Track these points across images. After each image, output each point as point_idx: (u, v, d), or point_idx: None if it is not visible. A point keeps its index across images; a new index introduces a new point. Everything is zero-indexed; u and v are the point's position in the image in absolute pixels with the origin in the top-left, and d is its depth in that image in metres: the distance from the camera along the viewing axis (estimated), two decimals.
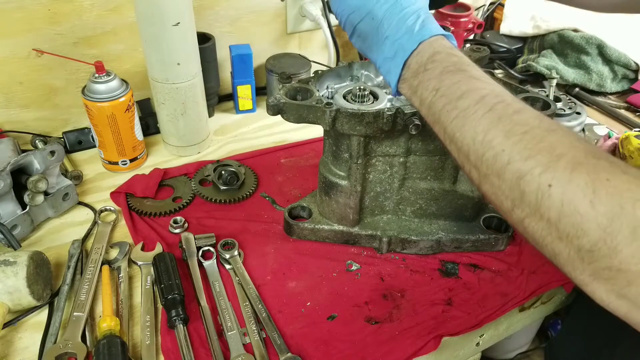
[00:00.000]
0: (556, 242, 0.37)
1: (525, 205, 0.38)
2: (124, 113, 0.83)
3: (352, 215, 0.74)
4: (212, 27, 1.02)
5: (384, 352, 0.61)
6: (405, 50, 0.47)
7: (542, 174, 0.37)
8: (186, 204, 0.82)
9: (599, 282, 0.36)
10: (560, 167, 0.36)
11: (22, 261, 0.62)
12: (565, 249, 0.37)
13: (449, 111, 0.44)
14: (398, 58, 0.48)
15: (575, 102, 1.04)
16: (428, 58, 0.46)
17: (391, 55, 0.48)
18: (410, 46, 0.47)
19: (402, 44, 0.47)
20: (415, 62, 0.47)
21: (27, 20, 0.84)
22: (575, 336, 0.83)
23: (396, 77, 0.48)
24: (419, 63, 0.47)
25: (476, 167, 0.42)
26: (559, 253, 0.37)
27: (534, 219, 0.38)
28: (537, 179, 0.37)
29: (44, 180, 0.73)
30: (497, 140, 0.40)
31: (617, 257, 0.34)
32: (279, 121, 0.78)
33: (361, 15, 0.51)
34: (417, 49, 0.47)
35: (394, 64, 0.48)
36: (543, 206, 0.37)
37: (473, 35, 1.25)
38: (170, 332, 0.62)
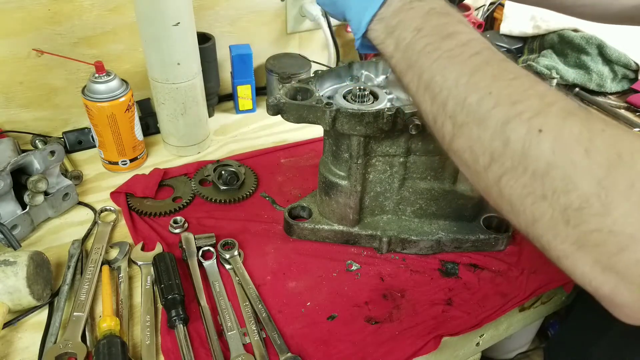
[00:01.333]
0: (538, 202, 0.33)
1: (507, 157, 0.34)
2: (124, 113, 0.83)
3: (352, 215, 0.74)
4: (212, 27, 1.02)
5: (384, 352, 0.61)
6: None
7: (532, 119, 0.33)
8: (186, 204, 0.82)
9: (583, 251, 0.31)
10: (552, 113, 0.33)
11: (22, 261, 0.62)
12: (548, 210, 0.32)
13: (431, 52, 0.39)
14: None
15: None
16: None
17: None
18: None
19: None
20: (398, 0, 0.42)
21: (27, 20, 0.84)
22: (574, 336, 0.83)
23: (372, 13, 0.43)
24: (403, 1, 0.42)
25: (453, 116, 0.37)
26: (540, 217, 0.33)
27: (515, 175, 0.34)
28: (526, 123, 0.33)
29: (44, 180, 0.74)
30: (484, 83, 0.36)
31: (611, 215, 0.30)
32: (279, 121, 0.78)
33: None
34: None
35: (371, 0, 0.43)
36: (530, 156, 0.33)
37: None
38: (170, 332, 0.62)
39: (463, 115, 0.37)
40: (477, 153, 0.36)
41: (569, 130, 0.32)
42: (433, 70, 0.39)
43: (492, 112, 0.35)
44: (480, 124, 0.36)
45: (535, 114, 0.33)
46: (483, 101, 0.36)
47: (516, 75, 0.36)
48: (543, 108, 0.33)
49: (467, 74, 0.37)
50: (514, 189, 0.34)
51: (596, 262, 0.31)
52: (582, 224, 0.31)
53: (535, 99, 0.34)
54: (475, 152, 0.36)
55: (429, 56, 0.39)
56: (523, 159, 0.33)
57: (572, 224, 0.31)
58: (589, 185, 0.30)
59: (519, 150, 0.33)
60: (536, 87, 0.35)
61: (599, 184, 0.30)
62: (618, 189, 0.30)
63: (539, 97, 0.34)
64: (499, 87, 0.35)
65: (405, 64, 0.41)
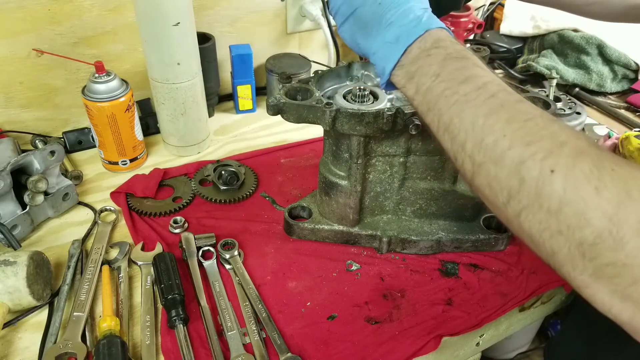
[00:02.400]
0: (555, 236, 0.35)
1: (523, 195, 0.36)
2: (124, 113, 0.83)
3: (352, 215, 0.74)
4: (212, 27, 1.02)
5: (384, 352, 0.61)
6: (410, 34, 0.46)
7: (544, 160, 0.35)
8: (186, 204, 0.82)
9: (600, 282, 0.33)
10: (563, 153, 0.35)
11: (22, 261, 0.61)
12: (565, 244, 0.34)
13: (448, 96, 0.42)
14: (401, 42, 0.46)
15: (575, 102, 1.04)
16: (432, 44, 0.45)
17: (393, 40, 0.46)
18: (416, 31, 0.46)
19: (409, 29, 0.46)
20: (417, 48, 0.45)
21: (27, 20, 0.84)
22: (574, 336, 0.83)
23: (394, 62, 0.46)
24: (421, 49, 0.45)
25: (472, 155, 0.40)
26: (558, 250, 0.35)
27: (532, 211, 0.36)
28: (539, 164, 0.35)
29: (44, 180, 0.73)
30: (499, 125, 0.38)
31: (623, 249, 0.31)
32: (279, 121, 0.78)
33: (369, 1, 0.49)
34: (423, 35, 0.45)
35: (394, 48, 0.46)
36: (543, 194, 0.35)
37: (473, 35, 1.25)
38: (170, 332, 0.61)
39: (481, 156, 0.39)
40: (495, 190, 0.38)
41: (579, 169, 0.34)
42: (451, 114, 0.41)
43: (507, 153, 0.37)
44: (497, 164, 0.38)
45: (547, 154, 0.35)
46: (498, 143, 0.38)
47: (530, 116, 0.38)
48: (555, 149, 0.35)
49: (483, 116, 0.39)
50: (532, 224, 0.36)
51: (614, 292, 0.33)
52: (597, 257, 0.33)
53: (547, 140, 0.36)
54: (493, 189, 0.39)
55: (447, 100, 0.42)
56: (538, 197, 0.35)
57: (588, 257, 0.33)
58: (600, 222, 0.32)
59: (534, 189, 0.35)
60: (549, 127, 0.37)
61: (610, 220, 0.32)
62: (628, 224, 0.31)
63: (551, 138, 0.36)
64: (513, 129, 0.38)
65: (425, 107, 0.44)
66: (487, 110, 0.39)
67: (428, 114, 0.44)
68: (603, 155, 0.34)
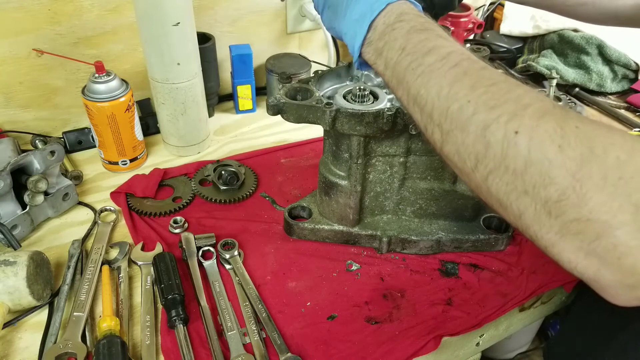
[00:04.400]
0: (522, 196, 0.35)
1: (489, 159, 0.37)
2: (124, 113, 0.83)
3: (352, 215, 0.74)
4: (212, 27, 1.02)
5: (384, 352, 0.61)
6: (373, 10, 0.46)
7: (508, 122, 0.36)
8: (186, 204, 0.82)
9: (566, 239, 0.34)
10: (527, 115, 0.35)
11: (22, 261, 0.61)
12: (531, 204, 0.35)
13: (414, 68, 0.43)
14: (366, 18, 0.47)
15: (575, 102, 1.04)
16: (396, 18, 0.46)
17: (359, 17, 0.47)
18: (378, 6, 0.46)
19: (371, 5, 0.47)
20: (382, 23, 0.46)
21: (27, 20, 0.84)
22: (574, 336, 0.83)
23: (361, 39, 0.47)
24: (386, 23, 0.46)
25: (439, 124, 0.41)
26: (525, 210, 0.36)
27: (498, 173, 0.36)
28: (503, 127, 0.36)
29: (44, 180, 0.74)
30: (463, 92, 0.39)
31: (587, 205, 0.32)
32: (279, 121, 0.78)
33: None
34: (385, 9, 0.46)
35: (360, 24, 0.47)
36: (509, 156, 0.35)
37: (473, 35, 1.25)
38: (170, 332, 0.62)
39: (447, 124, 0.40)
40: (463, 156, 0.39)
41: (543, 129, 0.34)
42: (418, 85, 0.42)
43: (472, 118, 0.38)
44: (463, 130, 0.39)
45: (511, 117, 0.36)
46: (463, 109, 0.39)
47: (494, 81, 0.39)
48: (519, 111, 0.36)
49: (447, 85, 0.40)
50: (499, 187, 0.37)
51: (579, 248, 0.34)
52: (562, 214, 0.33)
53: (511, 103, 0.37)
54: (462, 155, 0.39)
55: (413, 73, 0.43)
56: (503, 160, 0.36)
57: (554, 215, 0.34)
58: (564, 179, 0.33)
59: (499, 151, 0.36)
60: (514, 91, 0.38)
61: (574, 177, 0.32)
62: (592, 180, 0.32)
63: (515, 101, 0.37)
64: (477, 95, 0.38)
65: (395, 81, 0.45)
66: (451, 79, 0.40)
67: (398, 88, 0.45)
68: (567, 114, 0.35)
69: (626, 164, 0.32)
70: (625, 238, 0.32)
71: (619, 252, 0.32)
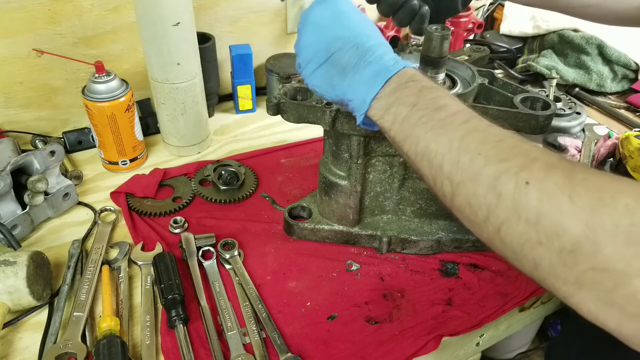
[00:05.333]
0: (536, 247, 0.35)
1: (501, 209, 0.38)
2: (124, 113, 0.83)
3: (352, 215, 0.74)
4: (212, 27, 1.02)
5: (384, 352, 0.61)
6: (389, 70, 0.49)
7: (518, 173, 0.37)
8: (186, 204, 0.82)
9: (583, 289, 0.34)
10: (535, 167, 0.36)
11: (22, 261, 0.61)
12: (546, 254, 0.35)
13: (425, 123, 0.44)
14: (381, 76, 0.49)
15: (575, 102, 1.04)
16: (408, 78, 0.48)
17: (372, 75, 0.49)
18: (395, 67, 0.49)
19: (388, 66, 0.49)
20: (395, 82, 0.48)
21: (27, 20, 0.84)
22: (575, 336, 0.83)
23: (374, 93, 0.49)
24: (398, 82, 0.48)
25: (450, 176, 0.42)
26: (540, 261, 0.36)
27: (511, 224, 0.37)
28: (514, 178, 0.37)
29: (44, 180, 0.73)
30: (473, 145, 0.40)
31: (601, 254, 0.32)
32: (279, 121, 0.78)
33: (344, 45, 0.52)
34: (399, 72, 0.49)
35: (374, 81, 0.49)
36: (521, 206, 0.36)
37: (473, 35, 1.25)
38: (170, 332, 0.62)
39: (459, 176, 0.41)
40: (475, 208, 0.40)
41: (552, 180, 0.35)
42: (428, 139, 0.44)
43: (483, 170, 0.39)
44: (474, 181, 0.40)
45: (521, 168, 0.37)
46: (474, 161, 0.40)
47: (502, 138, 0.40)
48: (528, 163, 0.37)
49: (458, 139, 0.42)
50: (513, 238, 0.37)
51: (598, 299, 0.33)
52: (578, 264, 0.33)
53: (520, 156, 0.38)
54: (473, 207, 0.40)
55: (423, 126, 0.44)
56: (515, 210, 0.36)
57: (569, 265, 0.34)
58: (576, 228, 0.33)
59: (511, 202, 0.37)
60: (521, 146, 0.39)
61: (586, 226, 0.33)
62: (604, 229, 0.32)
63: (523, 155, 0.38)
64: (487, 149, 0.40)
65: (402, 135, 0.47)
66: (461, 134, 0.42)
67: (405, 141, 0.46)
68: (574, 167, 0.36)
69: (635, 211, 0.32)
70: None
71: (638, 301, 0.31)
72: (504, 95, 0.69)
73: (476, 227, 0.42)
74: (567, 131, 0.98)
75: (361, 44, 0.51)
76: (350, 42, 0.51)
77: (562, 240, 0.34)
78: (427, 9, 0.66)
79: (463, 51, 0.83)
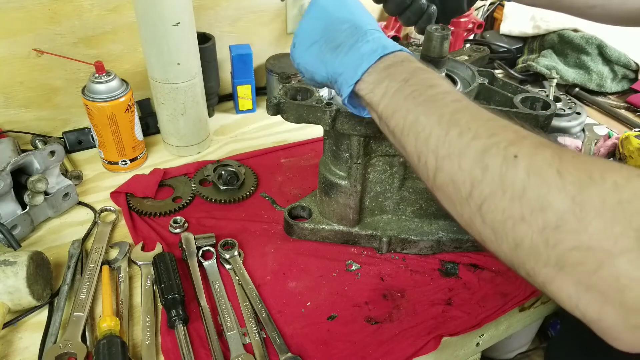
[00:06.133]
0: (518, 224, 0.34)
1: (486, 184, 0.37)
2: (124, 113, 0.83)
3: (352, 215, 0.74)
4: (212, 27, 1.02)
5: (384, 352, 0.61)
6: (386, 48, 0.48)
7: (507, 147, 0.36)
8: (186, 204, 0.82)
9: (564, 272, 0.32)
10: (525, 143, 0.36)
11: (22, 261, 0.61)
12: (528, 232, 0.34)
13: (416, 97, 0.44)
14: (376, 52, 0.48)
15: (575, 102, 1.04)
16: (404, 58, 0.48)
17: (367, 52, 0.49)
18: (392, 47, 0.49)
19: (385, 45, 0.49)
20: (390, 59, 0.48)
21: (27, 20, 0.84)
22: (575, 336, 0.83)
23: (366, 66, 0.48)
24: (393, 61, 0.48)
25: (435, 150, 0.41)
26: (521, 240, 0.34)
27: (494, 200, 0.36)
28: (503, 151, 0.36)
29: (44, 180, 0.73)
30: (464, 120, 0.40)
31: (587, 231, 0.31)
32: (279, 121, 0.78)
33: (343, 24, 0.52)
34: (395, 52, 0.49)
35: (368, 56, 0.48)
36: (507, 179, 0.35)
37: (473, 35, 1.25)
38: (170, 332, 0.62)
39: (445, 149, 0.40)
40: (458, 183, 0.39)
41: (541, 155, 0.35)
42: (418, 111, 0.43)
43: (472, 143, 0.38)
44: (460, 155, 0.39)
45: (510, 143, 0.37)
46: (463, 134, 0.39)
47: (492, 117, 0.40)
48: (517, 139, 0.37)
49: (449, 113, 0.41)
50: (495, 214, 0.36)
51: (579, 282, 0.32)
52: (560, 242, 0.32)
53: (510, 132, 0.38)
54: (456, 182, 0.39)
55: (414, 100, 0.44)
56: (501, 184, 0.36)
57: (551, 243, 0.33)
58: (562, 202, 0.32)
59: (497, 175, 0.36)
60: (511, 126, 0.39)
61: (573, 200, 0.32)
62: (591, 204, 0.31)
63: (513, 132, 0.38)
64: (477, 124, 0.39)
65: (391, 109, 0.46)
66: (453, 109, 0.41)
67: (394, 116, 0.46)
68: (563, 147, 0.36)
69: (624, 188, 0.31)
70: (627, 267, 0.30)
71: (622, 285, 0.30)
72: (504, 95, 0.69)
73: (457, 206, 0.40)
74: (567, 131, 0.98)
75: (361, 26, 0.51)
76: (351, 22, 0.52)
77: (547, 216, 0.33)
78: (434, 8, 0.66)
79: (463, 51, 0.83)
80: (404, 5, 0.65)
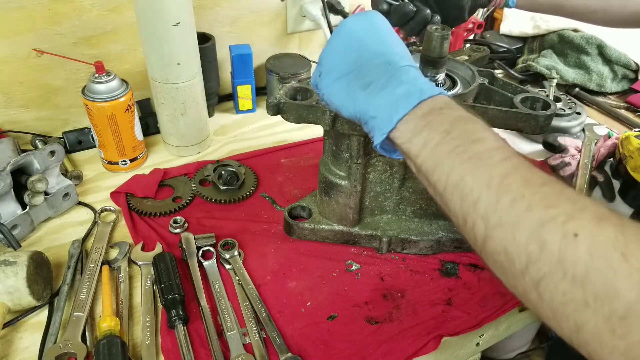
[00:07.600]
0: (581, 309, 0.31)
1: (544, 261, 0.33)
2: (124, 113, 0.83)
3: (352, 215, 0.74)
4: (212, 27, 1.02)
5: (384, 352, 0.61)
6: (424, 92, 0.45)
7: (566, 222, 0.33)
8: (186, 204, 0.82)
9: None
10: (585, 217, 0.33)
11: (22, 261, 0.61)
12: (592, 318, 0.31)
13: (460, 153, 0.40)
14: (412, 98, 0.45)
15: (575, 102, 1.04)
16: (443, 104, 0.44)
17: (402, 95, 0.45)
18: (430, 92, 0.45)
19: (422, 88, 0.45)
20: (428, 106, 0.44)
21: (27, 20, 0.84)
22: None
23: (402, 114, 0.44)
24: (431, 107, 0.44)
25: (485, 216, 0.37)
26: (583, 325, 0.32)
27: (553, 279, 0.33)
28: (561, 227, 0.33)
29: (44, 180, 0.73)
30: (516, 185, 0.36)
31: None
32: (279, 121, 0.78)
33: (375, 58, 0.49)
34: (434, 97, 0.45)
35: (404, 101, 0.45)
36: (567, 260, 0.32)
37: (473, 35, 1.25)
38: (170, 332, 0.62)
39: (496, 217, 0.37)
40: (512, 255, 0.36)
41: (604, 234, 0.32)
42: (463, 171, 0.40)
43: (527, 215, 0.35)
44: (514, 226, 0.35)
45: (569, 218, 0.33)
46: (516, 202, 0.36)
47: (545, 181, 0.37)
48: (576, 213, 0.33)
49: (499, 176, 0.38)
50: (554, 295, 0.33)
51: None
52: (629, 334, 0.30)
53: (567, 204, 0.34)
54: (510, 254, 0.36)
55: (458, 157, 0.40)
56: (561, 264, 0.33)
57: (618, 334, 0.30)
58: (630, 292, 0.29)
59: (556, 253, 0.33)
60: (567, 192, 0.36)
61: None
62: None
63: (571, 202, 0.34)
64: (531, 192, 0.36)
65: (432, 163, 0.42)
66: (502, 171, 0.38)
67: (435, 170, 0.42)
68: (625, 222, 0.33)
69: None
70: None
71: None
72: (504, 95, 0.69)
73: (510, 277, 0.37)
74: (567, 131, 0.98)
75: (394, 62, 0.47)
76: (382, 57, 0.48)
77: (613, 304, 0.30)
78: (438, 18, 0.67)
79: (463, 51, 0.83)
80: (407, 17, 0.65)
